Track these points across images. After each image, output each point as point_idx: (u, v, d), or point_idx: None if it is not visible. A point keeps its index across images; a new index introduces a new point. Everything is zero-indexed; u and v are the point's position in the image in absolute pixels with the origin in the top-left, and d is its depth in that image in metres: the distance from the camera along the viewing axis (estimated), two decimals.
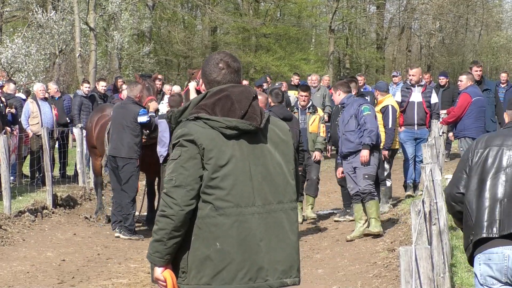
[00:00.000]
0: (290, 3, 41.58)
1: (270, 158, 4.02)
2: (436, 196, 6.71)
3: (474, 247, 4.56)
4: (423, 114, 12.56)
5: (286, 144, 4.09)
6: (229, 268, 3.89)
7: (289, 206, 4.05)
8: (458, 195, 4.69)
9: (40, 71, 27.61)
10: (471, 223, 4.56)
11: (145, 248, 10.45)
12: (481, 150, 4.66)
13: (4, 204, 11.67)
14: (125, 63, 34.08)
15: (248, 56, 39.08)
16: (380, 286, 7.75)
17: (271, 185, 4.00)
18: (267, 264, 3.94)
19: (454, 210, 4.77)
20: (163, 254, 3.95)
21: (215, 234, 3.89)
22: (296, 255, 4.05)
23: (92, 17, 28.35)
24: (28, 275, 8.86)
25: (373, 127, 10.28)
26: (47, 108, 15.24)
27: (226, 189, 3.89)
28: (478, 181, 4.59)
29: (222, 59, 4.06)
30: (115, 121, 11.23)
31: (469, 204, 4.58)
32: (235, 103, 3.96)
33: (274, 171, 4.02)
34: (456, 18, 41.51)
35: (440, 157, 13.33)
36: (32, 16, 29.30)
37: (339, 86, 10.76)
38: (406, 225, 10.33)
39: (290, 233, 4.03)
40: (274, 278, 3.97)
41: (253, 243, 3.93)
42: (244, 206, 3.91)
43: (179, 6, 40.58)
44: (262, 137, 4.02)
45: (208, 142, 3.89)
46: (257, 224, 3.94)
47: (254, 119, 3.96)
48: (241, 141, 3.95)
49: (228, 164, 3.90)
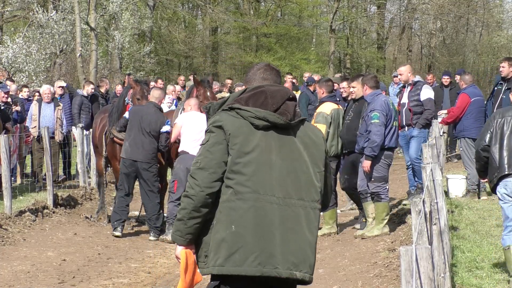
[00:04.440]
0: (291, 3, 41.55)
1: (298, 155, 4.16)
2: (436, 196, 6.71)
3: (498, 180, 7.25)
4: (408, 114, 11.95)
5: (317, 147, 4.24)
6: (241, 250, 4.01)
7: (310, 205, 4.16)
8: (485, 146, 7.34)
9: (40, 71, 27.61)
10: (495, 165, 7.24)
11: (146, 248, 10.51)
12: (499, 119, 7.34)
13: (5, 203, 11.68)
14: (125, 63, 34.06)
15: (248, 56, 39.09)
16: (380, 286, 7.75)
17: (294, 181, 4.12)
18: (279, 253, 4.04)
19: (481, 155, 7.40)
20: (183, 233, 4.13)
21: (232, 218, 4.03)
22: (310, 252, 4.14)
23: (92, 17, 28.36)
24: (28, 275, 8.86)
25: (377, 138, 9.98)
26: (49, 110, 15.08)
27: (247, 175, 4.04)
28: (499, 139, 7.26)
29: (264, 64, 4.37)
30: (135, 125, 11.00)
31: (493, 154, 7.26)
32: (268, 98, 4.15)
33: (299, 168, 4.15)
34: (457, 18, 41.47)
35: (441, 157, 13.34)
36: (33, 16, 29.30)
37: (365, 81, 10.43)
38: (406, 225, 10.33)
39: (307, 230, 4.13)
40: (284, 268, 4.05)
41: (268, 230, 4.04)
42: (263, 194, 4.04)
43: (179, 6, 40.57)
44: (293, 135, 4.18)
45: (235, 129, 4.07)
46: (273, 213, 4.05)
47: (285, 115, 4.13)
48: (270, 134, 4.12)
49: (252, 152, 4.06)
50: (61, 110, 15.10)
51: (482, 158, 7.40)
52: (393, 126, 10.29)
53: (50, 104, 15.14)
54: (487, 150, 7.33)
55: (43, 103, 15.11)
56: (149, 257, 9.99)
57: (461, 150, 12.60)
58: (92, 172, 15.04)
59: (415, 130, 11.95)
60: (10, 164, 12.31)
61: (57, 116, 14.97)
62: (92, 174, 15.06)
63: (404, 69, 12.29)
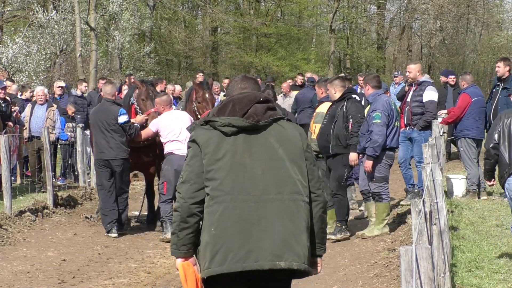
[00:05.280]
0: (291, 3, 41.56)
1: (272, 154, 4.33)
2: (436, 196, 6.70)
3: (508, 176, 7.63)
4: (409, 114, 11.97)
5: (292, 143, 4.38)
6: (221, 251, 4.19)
7: (290, 197, 4.29)
8: (495, 144, 7.76)
9: (40, 71, 27.60)
10: (505, 162, 7.69)
11: (146, 248, 10.50)
12: (505, 119, 7.78)
13: (5, 203, 11.68)
14: (125, 63, 34.05)
15: (249, 56, 39.10)
16: (380, 286, 7.75)
17: (270, 178, 4.29)
18: (257, 248, 4.19)
19: (491, 153, 7.80)
20: (178, 246, 4.36)
21: (211, 221, 4.24)
22: (295, 242, 4.25)
23: (93, 17, 28.35)
24: (28, 275, 8.86)
25: (379, 138, 9.96)
26: (41, 112, 14.97)
27: (219, 179, 4.26)
28: (507, 138, 7.72)
29: (241, 76, 4.62)
30: (96, 126, 11.19)
31: (502, 152, 7.71)
32: (236, 105, 4.39)
33: (274, 165, 4.32)
34: (457, 18, 41.47)
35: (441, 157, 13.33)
36: (33, 16, 29.29)
37: (368, 81, 10.40)
38: (406, 225, 10.33)
39: (289, 222, 4.26)
40: (265, 260, 4.19)
41: (244, 227, 4.21)
42: (237, 194, 4.23)
43: (179, 6, 40.56)
44: (267, 135, 4.36)
45: (206, 140, 4.32)
46: (249, 211, 4.23)
47: (252, 117, 4.34)
48: (241, 137, 4.32)
49: (223, 158, 4.28)
50: (54, 111, 15.01)
51: (493, 155, 7.81)
52: (395, 126, 10.27)
53: (43, 106, 15.03)
54: (497, 148, 7.79)
55: (37, 105, 15.05)
56: (149, 257, 9.99)
57: (461, 150, 12.58)
58: (92, 172, 15.03)
59: (415, 132, 11.94)
60: (10, 164, 12.30)
61: (48, 117, 14.89)
62: (92, 174, 15.06)
63: (414, 67, 12.18)
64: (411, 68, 12.22)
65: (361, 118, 10.20)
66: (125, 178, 11.26)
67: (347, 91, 10.30)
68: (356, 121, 10.17)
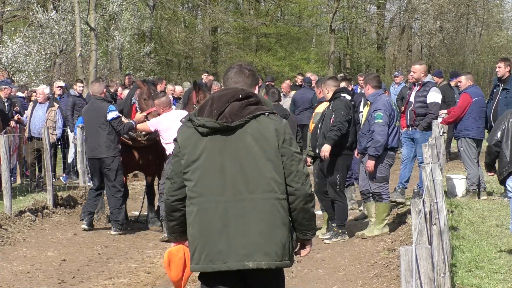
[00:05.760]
0: (291, 3, 41.55)
1: (246, 153, 4.35)
2: (436, 196, 6.71)
3: (508, 174, 7.90)
4: (412, 115, 11.93)
5: (267, 141, 4.36)
6: (197, 250, 4.39)
7: (261, 197, 4.33)
8: (497, 141, 7.99)
9: (40, 71, 27.59)
10: (506, 160, 7.90)
11: (146, 248, 10.50)
12: (510, 118, 8.00)
13: (5, 203, 11.68)
14: (125, 63, 34.04)
15: (248, 56, 39.07)
16: (380, 286, 7.75)
17: (244, 177, 4.34)
18: (226, 248, 4.31)
19: (493, 150, 8.06)
20: (169, 232, 4.67)
21: (189, 221, 4.43)
22: (264, 241, 4.30)
23: (92, 17, 28.33)
24: (28, 275, 8.86)
25: (380, 138, 9.93)
26: (41, 111, 14.95)
27: (194, 180, 4.38)
28: (510, 137, 7.91)
29: (238, 63, 4.65)
30: (87, 124, 11.37)
31: (504, 150, 7.93)
32: (214, 104, 4.40)
33: (248, 165, 4.34)
34: (457, 18, 41.47)
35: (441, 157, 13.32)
36: (33, 16, 29.27)
37: (368, 81, 10.38)
38: (406, 225, 10.33)
39: (260, 221, 4.31)
40: (234, 261, 4.30)
41: (213, 229, 4.33)
42: (209, 196, 4.34)
43: (179, 6, 40.56)
44: (243, 133, 4.36)
45: (184, 140, 4.42)
46: (220, 213, 4.33)
47: (225, 118, 4.35)
48: (216, 138, 4.37)
49: (199, 160, 4.38)
50: (54, 111, 14.98)
51: (494, 152, 8.10)
52: (396, 126, 10.27)
53: (44, 105, 15.01)
54: (498, 146, 8.04)
55: (37, 105, 15.04)
56: (149, 257, 9.99)
57: (461, 150, 12.57)
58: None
59: (417, 132, 11.96)
60: (10, 164, 12.30)
61: (48, 118, 14.86)
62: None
63: (419, 68, 12.12)
64: (416, 68, 12.18)
65: (343, 115, 9.99)
66: (117, 177, 11.26)
67: (337, 91, 10.27)
68: (337, 116, 9.99)
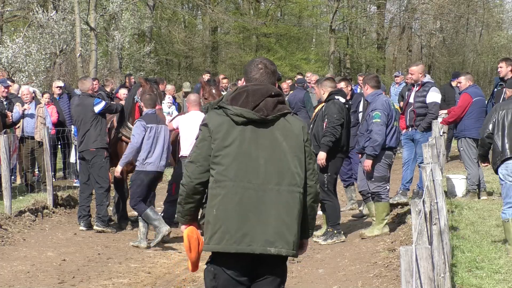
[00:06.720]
0: (291, 3, 41.53)
1: (276, 145, 4.60)
2: (436, 196, 6.71)
3: (501, 163, 8.42)
4: (412, 115, 11.93)
5: (295, 137, 4.64)
6: (220, 231, 4.51)
7: (287, 189, 4.57)
8: (489, 133, 8.47)
9: (40, 71, 27.57)
10: (498, 150, 8.42)
11: (146, 248, 10.49)
12: (500, 111, 8.47)
13: (5, 204, 11.69)
14: (125, 63, 34.03)
15: (248, 56, 39.03)
16: (380, 286, 7.75)
17: (271, 168, 4.56)
18: (253, 232, 4.49)
19: (485, 141, 8.54)
20: (183, 215, 4.78)
21: (213, 203, 4.55)
22: (287, 231, 4.54)
23: (92, 17, 28.32)
24: (28, 275, 8.86)
25: (379, 138, 9.96)
26: (31, 111, 14.83)
27: (225, 165, 4.54)
28: (501, 128, 8.41)
29: (261, 61, 4.78)
30: (77, 121, 11.61)
31: (496, 141, 8.42)
32: (249, 96, 4.62)
33: (276, 157, 4.58)
34: (457, 18, 41.44)
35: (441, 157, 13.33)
36: (33, 16, 29.25)
37: (367, 81, 10.39)
38: (406, 225, 10.34)
39: (284, 212, 4.55)
40: (258, 245, 4.50)
41: (242, 212, 4.50)
42: (239, 181, 4.52)
43: (179, 6, 40.54)
44: (273, 128, 4.62)
45: (217, 126, 4.58)
46: (249, 198, 4.52)
47: (262, 111, 4.58)
48: (249, 128, 4.58)
49: (231, 146, 4.55)
50: (42, 108, 14.93)
51: (486, 144, 8.58)
52: (394, 126, 10.27)
53: (31, 104, 14.89)
54: (490, 137, 8.50)
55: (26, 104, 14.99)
56: (149, 257, 9.99)
57: (461, 150, 12.57)
58: None
59: (418, 133, 11.94)
60: (10, 164, 12.30)
61: (38, 115, 14.80)
62: None
63: (416, 69, 12.11)
64: (413, 70, 12.17)
65: (336, 119, 10.02)
66: (101, 172, 11.37)
67: (332, 92, 10.26)
68: (330, 121, 10.03)
